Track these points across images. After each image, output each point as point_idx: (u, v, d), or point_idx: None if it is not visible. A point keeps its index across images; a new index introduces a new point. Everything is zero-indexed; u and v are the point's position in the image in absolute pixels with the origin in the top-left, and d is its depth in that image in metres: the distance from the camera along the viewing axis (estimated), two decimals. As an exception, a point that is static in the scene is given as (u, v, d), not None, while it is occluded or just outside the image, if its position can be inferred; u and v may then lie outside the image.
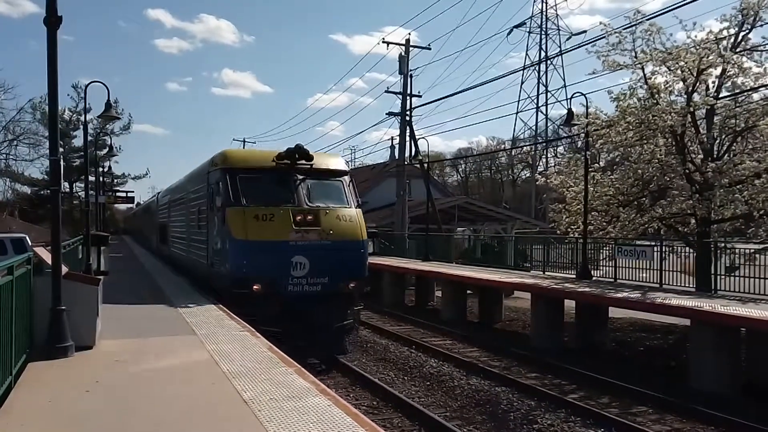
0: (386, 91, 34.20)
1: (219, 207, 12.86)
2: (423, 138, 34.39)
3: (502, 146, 76.55)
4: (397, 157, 33.95)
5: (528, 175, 72.56)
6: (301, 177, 13.11)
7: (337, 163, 14.21)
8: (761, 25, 16.62)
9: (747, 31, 16.65)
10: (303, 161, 13.12)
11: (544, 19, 64.05)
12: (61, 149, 9.17)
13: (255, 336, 9.04)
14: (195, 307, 11.78)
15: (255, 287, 11.89)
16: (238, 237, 12.10)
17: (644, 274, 17.17)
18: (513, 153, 74.28)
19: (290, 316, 11.91)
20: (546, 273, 20.72)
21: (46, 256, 8.34)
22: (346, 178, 13.99)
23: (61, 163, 7.94)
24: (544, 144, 61.90)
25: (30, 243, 21.32)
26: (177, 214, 20.51)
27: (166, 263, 22.63)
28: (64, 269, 8.00)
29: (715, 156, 17.15)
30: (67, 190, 53.39)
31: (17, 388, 6.17)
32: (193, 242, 16.78)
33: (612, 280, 17.90)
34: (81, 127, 33.15)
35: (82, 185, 34.38)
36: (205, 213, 14.61)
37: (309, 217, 12.42)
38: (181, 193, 19.49)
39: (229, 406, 5.69)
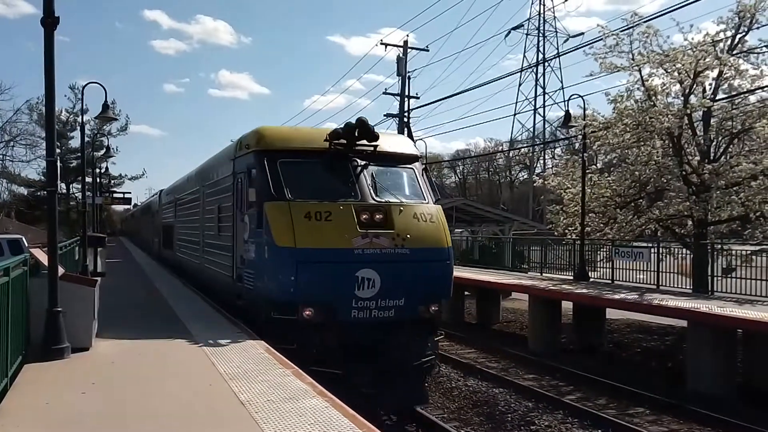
0: (384, 93, 34.26)
1: (253, 202, 9.89)
2: (421, 139, 34.37)
3: (500, 148, 76.65)
4: (394, 159, 33.87)
5: (526, 176, 72.61)
6: (362, 162, 10.07)
7: (407, 146, 11.30)
8: (758, 28, 16.71)
9: (743, 33, 16.71)
10: (365, 141, 10.08)
11: (541, 21, 64.14)
12: (58, 150, 9.16)
13: (243, 331, 9.02)
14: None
15: (306, 312, 8.93)
16: (283, 243, 9.01)
17: (641, 276, 17.21)
18: (511, 155, 74.38)
19: (352, 352, 9.08)
20: (543, 274, 20.74)
21: (42, 257, 8.34)
22: (418, 165, 10.99)
23: (58, 164, 7.93)
24: (542, 146, 61.99)
25: (27, 244, 21.24)
26: (186, 213, 17.93)
27: (170, 268, 20.90)
28: (61, 271, 7.99)
29: (711, 158, 17.20)
30: (64, 191, 53.30)
31: (13, 390, 6.15)
32: (209, 249, 13.88)
33: (609, 281, 17.93)
34: (78, 128, 33.06)
35: (79, 186, 34.26)
36: (228, 211, 11.71)
37: (378, 216, 9.39)
38: (193, 188, 16.69)
39: (226, 407, 5.68)
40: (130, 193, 50.48)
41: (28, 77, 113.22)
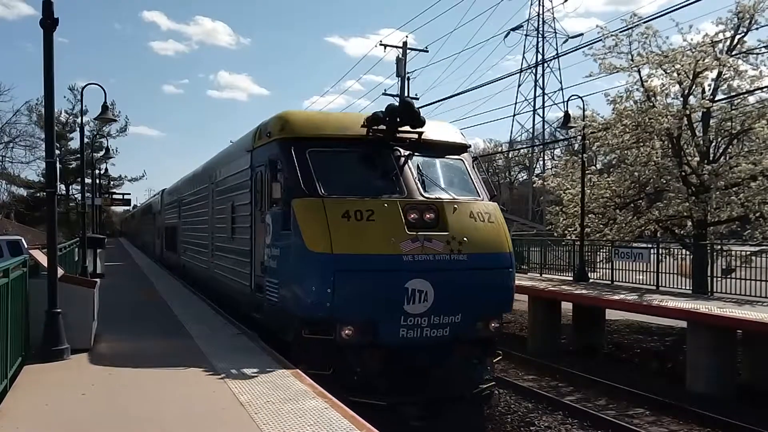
0: (384, 94, 34.33)
1: (277, 200, 8.48)
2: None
3: (499, 149, 76.73)
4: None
5: (525, 177, 72.66)
6: (405, 152, 8.65)
7: (454, 133, 9.81)
8: (757, 28, 16.74)
9: (743, 34, 16.73)
10: (408, 128, 8.68)
11: (540, 22, 64.16)
12: (57, 151, 9.17)
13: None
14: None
15: (345, 331, 7.55)
16: (316, 248, 7.61)
17: (641, 277, 17.21)
18: (510, 155, 74.43)
19: (399, 378, 7.76)
20: (543, 275, 20.72)
21: (42, 258, 8.34)
22: (468, 155, 9.68)
23: (58, 165, 7.94)
24: (541, 146, 62.03)
25: (26, 245, 21.24)
26: (192, 213, 16.67)
27: (173, 272, 20.04)
28: (60, 272, 7.99)
29: (711, 158, 17.22)
30: (64, 192, 53.30)
31: (13, 391, 6.15)
32: (220, 253, 12.56)
33: (609, 282, 17.93)
34: (77, 129, 33.17)
35: (79, 187, 34.39)
36: (245, 211, 10.34)
37: (428, 216, 8.03)
38: (199, 186, 15.46)
39: (225, 409, 5.68)
40: (129, 194, 50.46)
41: (28, 78, 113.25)
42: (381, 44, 33.22)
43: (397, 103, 8.61)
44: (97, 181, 38.50)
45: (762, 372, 12.26)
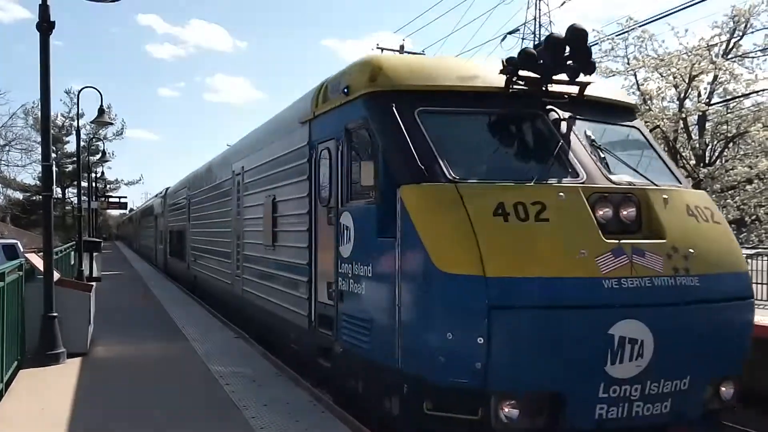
0: (380, 97, 34.21)
1: (367, 188, 5.53)
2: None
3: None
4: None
5: (522, 180, 72.95)
6: (566, 114, 5.54)
7: (619, 90, 7.47)
8: (752, 32, 16.86)
9: (738, 37, 16.89)
10: (563, 77, 5.45)
11: (537, 26, 64.45)
12: (53, 155, 9.15)
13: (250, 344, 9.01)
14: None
15: (506, 409, 4.55)
16: (453, 268, 4.57)
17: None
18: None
19: None
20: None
21: (38, 262, 8.32)
22: (641, 123, 6.87)
23: (54, 168, 7.93)
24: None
25: (22, 249, 21.15)
26: (207, 214, 13.60)
27: (178, 281, 18.15)
28: (56, 276, 7.97)
29: (707, 161, 17.32)
30: (60, 195, 53.20)
31: (9, 395, 6.14)
32: (253, 266, 9.46)
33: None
34: (74, 132, 33.06)
35: (75, 191, 34.34)
36: (299, 208, 7.21)
37: (626, 212, 4.93)
38: (219, 180, 12.45)
39: (221, 409, 5.68)
40: (126, 197, 50.48)
41: (24, 81, 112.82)
42: (377, 47, 33.21)
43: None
44: (94, 185, 38.47)
45: (760, 374, 12.27)
